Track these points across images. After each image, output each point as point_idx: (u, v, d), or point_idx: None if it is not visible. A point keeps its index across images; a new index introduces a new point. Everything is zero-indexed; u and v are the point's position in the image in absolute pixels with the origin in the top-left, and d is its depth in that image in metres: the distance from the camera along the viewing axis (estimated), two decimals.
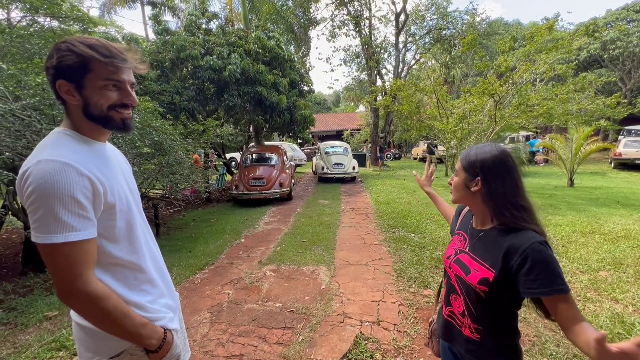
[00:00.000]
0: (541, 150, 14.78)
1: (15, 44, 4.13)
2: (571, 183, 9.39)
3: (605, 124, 8.49)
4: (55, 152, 0.75)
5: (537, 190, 8.70)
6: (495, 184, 0.94)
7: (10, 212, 3.63)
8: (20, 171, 0.73)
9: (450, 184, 1.06)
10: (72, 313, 0.86)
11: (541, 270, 0.81)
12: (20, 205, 3.94)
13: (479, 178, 0.95)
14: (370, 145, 17.64)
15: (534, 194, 8.14)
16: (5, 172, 2.71)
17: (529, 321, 2.53)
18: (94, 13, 18.07)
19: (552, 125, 11.01)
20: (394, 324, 2.56)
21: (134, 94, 0.88)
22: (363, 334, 2.43)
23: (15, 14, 6.25)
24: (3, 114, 3.04)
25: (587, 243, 4.19)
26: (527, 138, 16.70)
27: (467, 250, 1.04)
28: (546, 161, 14.63)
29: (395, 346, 2.29)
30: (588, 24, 9.38)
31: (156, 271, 0.97)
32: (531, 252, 0.84)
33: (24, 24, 6.26)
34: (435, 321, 1.32)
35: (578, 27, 14.59)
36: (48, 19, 6.39)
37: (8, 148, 2.95)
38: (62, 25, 6.41)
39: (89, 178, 0.75)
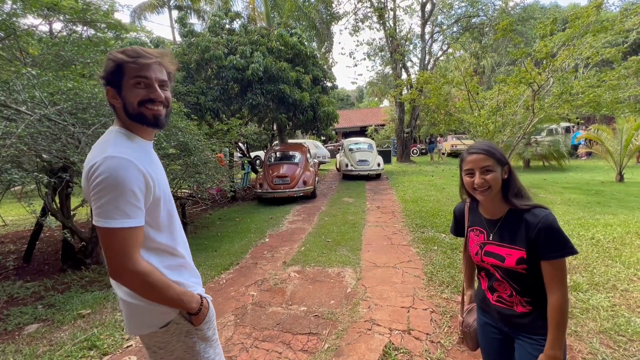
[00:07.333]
0: (583, 143, 13.69)
1: (51, 52, 4.33)
2: (620, 178, 8.58)
3: None
4: (117, 149, 0.86)
5: (582, 187, 8.01)
6: (514, 171, 1.12)
7: (49, 213, 3.81)
8: (89, 165, 0.85)
9: (488, 188, 1.08)
10: (122, 294, 0.96)
11: (555, 237, 0.99)
12: (58, 205, 4.15)
13: (507, 166, 1.10)
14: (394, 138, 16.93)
15: (578, 190, 7.49)
16: (42, 174, 2.83)
17: (581, 335, 2.25)
18: (126, 20, 18.94)
19: (597, 115, 10.07)
20: (426, 334, 2.39)
21: (159, 90, 0.95)
22: (393, 343, 2.28)
23: (56, 25, 6.60)
24: (40, 118, 3.18)
25: None
26: (568, 130, 15.52)
27: (491, 240, 1.14)
28: (589, 154, 13.54)
29: (428, 358, 2.12)
30: None
31: (188, 257, 1.11)
32: (545, 223, 1.00)
33: (64, 33, 6.62)
34: (464, 321, 1.41)
35: (627, 6, 13.24)
36: (85, 28, 6.72)
37: (45, 151, 3.10)
38: (98, 34, 6.71)
39: (144, 174, 0.87)
